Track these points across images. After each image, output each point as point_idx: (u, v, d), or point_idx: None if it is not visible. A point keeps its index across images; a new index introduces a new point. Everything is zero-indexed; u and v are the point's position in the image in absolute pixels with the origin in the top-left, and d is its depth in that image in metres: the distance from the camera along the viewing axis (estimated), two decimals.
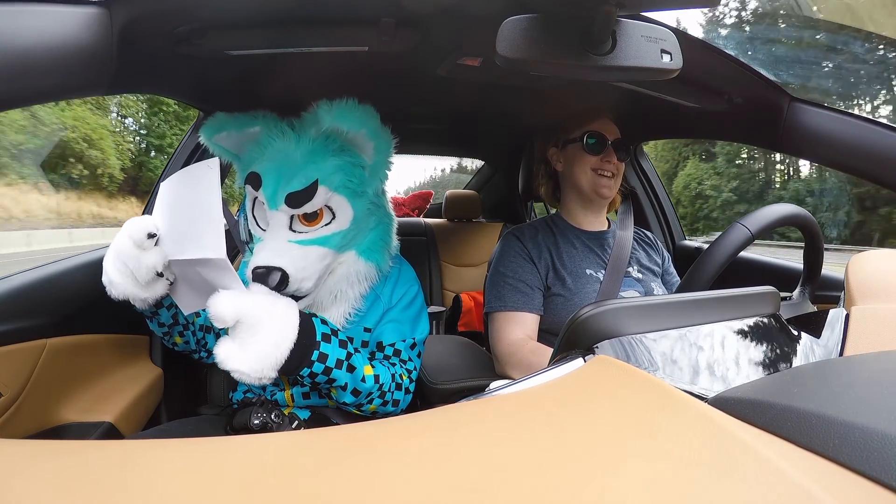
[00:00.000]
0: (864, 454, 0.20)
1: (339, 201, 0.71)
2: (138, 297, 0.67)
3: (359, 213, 0.73)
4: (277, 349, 0.60)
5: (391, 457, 0.24)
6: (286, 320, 0.62)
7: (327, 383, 0.67)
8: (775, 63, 7.39)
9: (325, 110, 0.66)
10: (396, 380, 0.75)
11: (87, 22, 0.54)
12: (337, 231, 0.71)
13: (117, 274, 0.65)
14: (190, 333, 0.82)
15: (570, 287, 0.90)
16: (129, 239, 0.64)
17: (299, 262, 0.68)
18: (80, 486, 0.21)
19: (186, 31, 0.65)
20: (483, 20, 0.56)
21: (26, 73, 0.50)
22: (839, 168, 0.82)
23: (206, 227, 0.59)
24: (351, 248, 0.75)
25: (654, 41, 0.49)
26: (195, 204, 0.62)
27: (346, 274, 0.75)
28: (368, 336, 0.80)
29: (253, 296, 0.61)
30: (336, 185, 0.70)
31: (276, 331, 0.60)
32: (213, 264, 0.60)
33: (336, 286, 0.75)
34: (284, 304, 0.63)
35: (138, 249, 0.64)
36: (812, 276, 0.73)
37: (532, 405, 0.30)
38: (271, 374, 0.60)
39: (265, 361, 0.59)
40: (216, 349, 0.59)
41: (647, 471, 0.21)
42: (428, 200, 2.66)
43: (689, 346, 0.40)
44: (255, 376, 0.59)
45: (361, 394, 0.70)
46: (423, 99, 1.16)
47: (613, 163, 0.95)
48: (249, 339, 0.59)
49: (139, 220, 0.65)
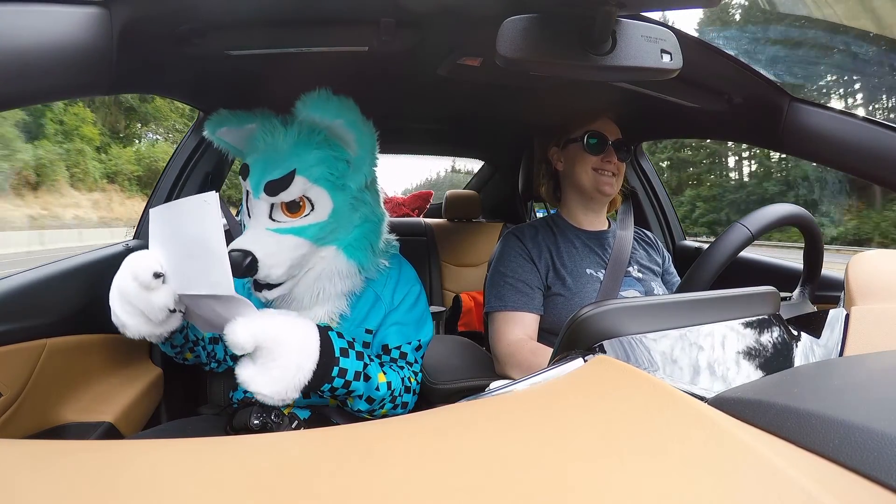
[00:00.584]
0: (864, 454, 0.20)
1: (319, 193, 0.71)
2: (154, 335, 0.67)
3: (339, 206, 0.73)
4: (300, 371, 0.59)
5: (391, 457, 0.24)
6: (306, 341, 0.61)
7: (346, 395, 0.68)
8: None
9: (301, 103, 0.68)
10: (405, 383, 0.76)
11: (87, 22, 0.54)
12: (314, 223, 0.71)
13: (128, 317, 0.63)
14: (200, 349, 0.82)
15: (570, 287, 0.90)
16: (135, 280, 0.62)
17: (271, 248, 0.68)
18: (80, 486, 0.21)
19: (186, 31, 0.65)
20: (483, 20, 0.56)
21: (26, 73, 0.50)
22: (839, 168, 0.82)
23: (212, 264, 0.57)
24: (331, 242, 0.74)
25: (654, 41, 0.49)
26: (196, 240, 0.59)
27: (327, 270, 0.74)
28: (370, 338, 0.80)
29: (270, 319, 0.60)
30: (316, 176, 0.70)
31: (297, 353, 0.60)
32: (224, 298, 0.59)
33: (317, 284, 0.74)
34: (303, 325, 0.63)
35: (145, 290, 0.62)
36: (812, 277, 0.73)
37: (532, 405, 0.30)
38: (294, 395, 0.59)
39: (289, 384, 0.58)
40: (238, 372, 0.58)
41: (648, 471, 0.21)
42: (428, 200, 2.66)
43: (689, 347, 0.40)
44: (279, 398, 0.58)
45: (375, 401, 0.71)
46: (423, 99, 1.16)
47: (614, 163, 0.95)
48: (271, 362, 0.58)
49: (141, 259, 0.63)
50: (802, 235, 0.70)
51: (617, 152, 0.95)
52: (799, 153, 0.88)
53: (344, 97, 0.70)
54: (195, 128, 1.15)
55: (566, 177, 1.01)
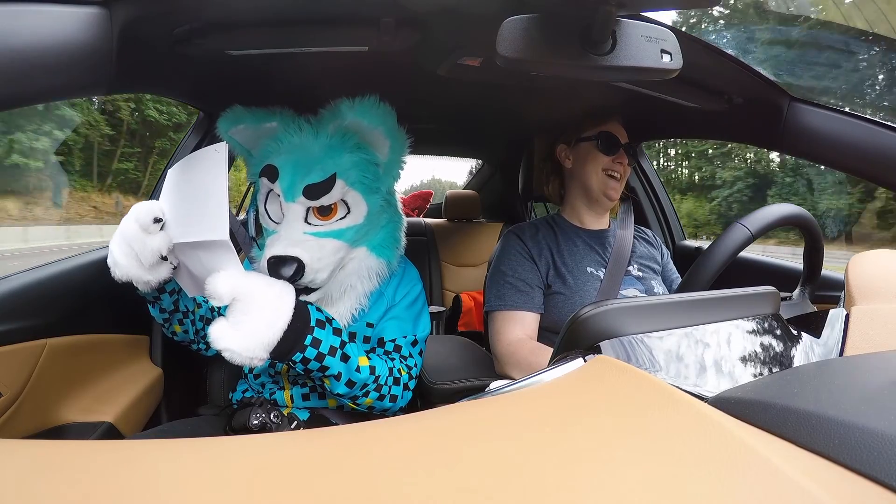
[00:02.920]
0: (864, 454, 0.20)
1: (355, 196, 0.73)
2: (141, 280, 0.67)
3: (373, 208, 0.75)
4: (270, 329, 0.59)
5: (391, 457, 0.24)
6: (281, 301, 0.62)
7: (319, 370, 0.66)
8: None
9: (347, 106, 0.69)
10: (394, 374, 0.75)
11: (87, 22, 0.54)
12: (352, 225, 0.73)
13: (122, 256, 0.66)
14: (189, 322, 0.81)
15: (570, 285, 0.90)
16: (136, 223, 0.65)
17: (315, 252, 0.68)
18: (80, 486, 0.21)
19: (186, 31, 0.65)
20: (483, 20, 0.56)
21: (26, 73, 0.50)
22: (839, 168, 0.82)
23: (211, 209, 0.59)
24: (363, 243, 0.77)
25: (654, 41, 0.49)
26: (201, 186, 0.62)
27: (357, 269, 0.76)
28: (371, 332, 0.81)
29: (251, 276, 0.61)
30: (352, 180, 0.72)
31: (270, 310, 0.60)
32: (216, 246, 0.60)
33: (346, 280, 0.76)
34: (280, 285, 0.63)
35: (144, 233, 0.65)
36: (812, 277, 0.73)
37: (532, 405, 0.30)
38: (262, 354, 0.59)
39: (257, 340, 0.58)
40: (210, 328, 0.59)
41: (647, 471, 0.21)
42: (428, 200, 2.67)
43: (689, 347, 0.40)
44: (246, 355, 0.58)
45: (356, 385, 0.69)
46: (422, 99, 1.16)
47: (623, 164, 0.96)
48: (242, 316, 0.59)
49: (146, 205, 0.65)
50: (802, 235, 0.70)
51: (627, 155, 0.96)
52: (799, 153, 0.88)
53: (384, 104, 0.71)
54: (195, 128, 1.15)
55: (574, 175, 1.01)
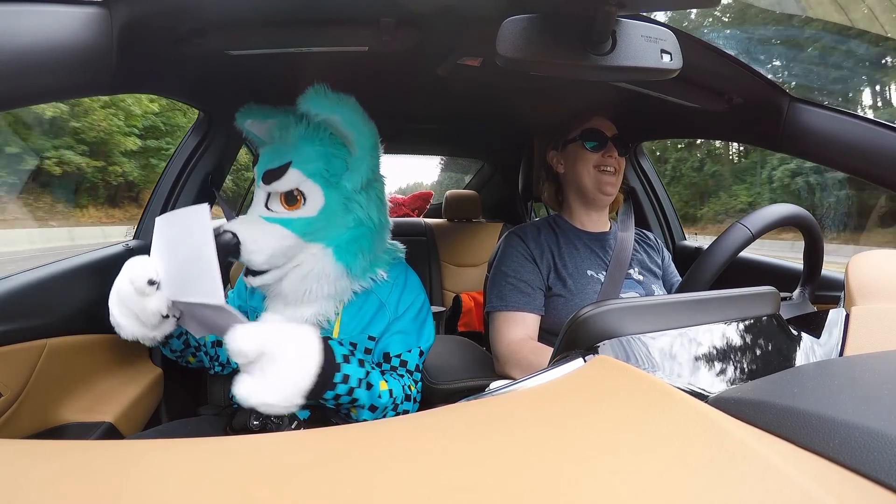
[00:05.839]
0: (864, 454, 0.20)
1: (311, 187, 0.72)
2: (147, 338, 0.67)
3: (330, 204, 0.73)
4: (303, 374, 0.59)
5: (391, 457, 0.24)
6: (308, 344, 0.61)
7: (349, 403, 0.67)
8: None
9: (301, 97, 0.69)
10: (406, 391, 0.75)
11: (87, 22, 0.54)
12: (303, 216, 0.72)
13: (122, 317, 0.65)
14: (203, 354, 0.82)
15: (570, 288, 0.90)
16: (131, 284, 0.63)
17: (255, 233, 0.69)
18: (80, 486, 0.21)
19: (186, 30, 0.65)
20: (483, 20, 0.56)
21: (26, 73, 0.50)
22: (839, 168, 0.82)
23: (203, 272, 0.58)
24: (320, 240, 0.74)
25: (654, 41, 0.49)
26: (189, 247, 0.61)
27: (315, 270, 0.74)
28: (373, 345, 0.80)
29: (269, 327, 0.60)
30: (311, 170, 0.71)
31: (299, 356, 0.59)
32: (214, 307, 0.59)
33: (304, 283, 0.74)
34: (303, 329, 0.62)
35: (140, 295, 0.63)
36: (812, 277, 0.73)
37: (532, 405, 0.30)
38: (299, 400, 0.58)
39: (291, 389, 0.57)
40: (235, 389, 0.58)
41: (647, 471, 0.21)
42: (428, 201, 2.67)
43: (689, 347, 0.40)
44: (284, 405, 0.57)
45: (378, 409, 0.71)
46: (422, 99, 1.16)
47: (615, 158, 0.95)
48: (271, 366, 0.57)
49: (139, 266, 0.64)
50: (802, 235, 0.70)
51: (616, 147, 0.95)
52: (799, 153, 0.88)
53: (345, 95, 0.70)
54: (195, 128, 1.15)
55: (568, 179, 1.01)
